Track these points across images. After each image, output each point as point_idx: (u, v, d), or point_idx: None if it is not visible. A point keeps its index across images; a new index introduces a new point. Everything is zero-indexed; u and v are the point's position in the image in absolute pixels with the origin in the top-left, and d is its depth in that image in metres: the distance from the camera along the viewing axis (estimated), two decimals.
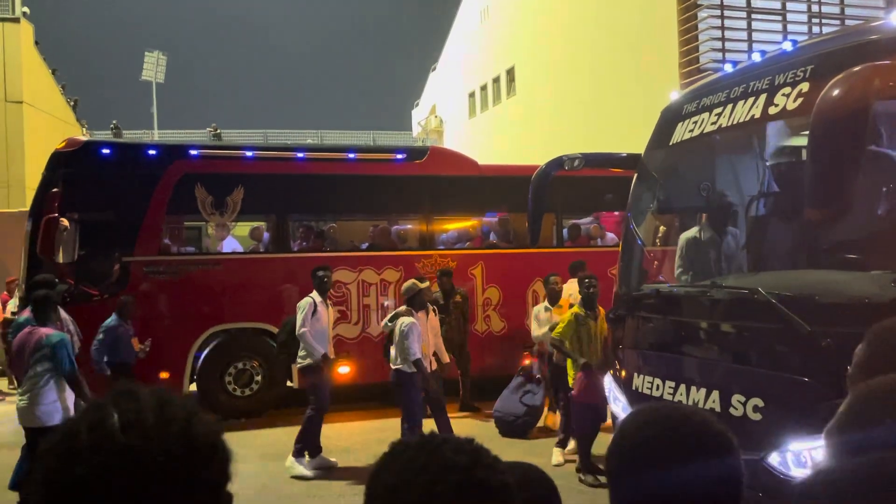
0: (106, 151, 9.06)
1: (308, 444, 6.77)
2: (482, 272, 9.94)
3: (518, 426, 7.70)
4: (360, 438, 7.88)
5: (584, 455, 6.19)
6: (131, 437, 0.87)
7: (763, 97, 3.90)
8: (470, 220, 10.77)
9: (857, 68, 3.06)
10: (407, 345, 6.46)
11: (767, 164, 5.21)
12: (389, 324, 6.89)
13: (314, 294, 7.03)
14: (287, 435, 8.16)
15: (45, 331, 5.00)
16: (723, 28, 14.13)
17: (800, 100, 3.63)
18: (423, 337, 6.80)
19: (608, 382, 5.12)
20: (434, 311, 7.37)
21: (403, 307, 6.89)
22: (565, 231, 10.54)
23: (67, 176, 8.65)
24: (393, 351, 6.68)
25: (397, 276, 9.60)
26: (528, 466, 1.27)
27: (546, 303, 7.59)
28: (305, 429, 6.76)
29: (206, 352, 9.00)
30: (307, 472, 6.58)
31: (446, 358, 7.83)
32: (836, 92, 2.95)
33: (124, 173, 8.96)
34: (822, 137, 2.93)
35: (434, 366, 7.17)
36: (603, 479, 6.10)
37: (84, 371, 5.39)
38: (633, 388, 4.62)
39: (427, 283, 7.18)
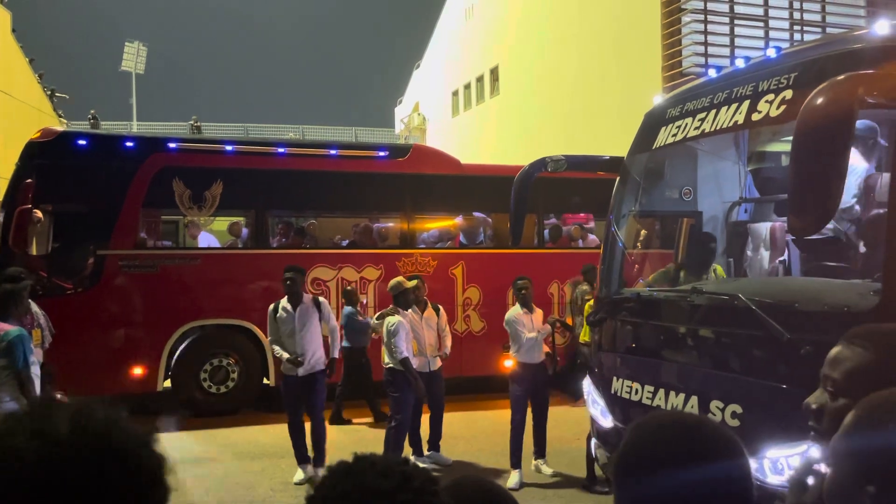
0: (81, 142, 8.90)
1: (295, 451, 6.49)
2: (463, 272, 9.91)
3: None
4: (338, 438, 7.80)
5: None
6: (33, 444, 0.83)
7: (746, 103, 3.90)
8: (452, 219, 10.74)
9: (841, 77, 3.06)
10: (394, 343, 6.42)
11: (749, 169, 5.24)
12: (375, 322, 6.85)
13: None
14: (262, 434, 8.09)
15: (3, 326, 4.89)
16: (706, 33, 14.22)
17: (783, 107, 3.63)
18: (421, 335, 6.81)
19: (587, 385, 5.10)
20: (438, 308, 7.29)
21: (390, 307, 6.81)
22: (546, 232, 10.54)
23: (41, 167, 8.49)
24: (384, 350, 6.65)
25: (377, 274, 9.55)
26: (486, 486, 1.23)
27: (520, 307, 6.69)
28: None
29: (181, 348, 8.88)
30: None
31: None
32: (820, 100, 2.94)
33: (100, 165, 8.81)
34: (806, 146, 2.92)
35: (440, 363, 7.02)
36: None
37: None
38: (612, 391, 4.61)
39: (416, 283, 7.06)
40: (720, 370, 3.85)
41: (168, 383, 8.94)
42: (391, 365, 6.49)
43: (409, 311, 6.80)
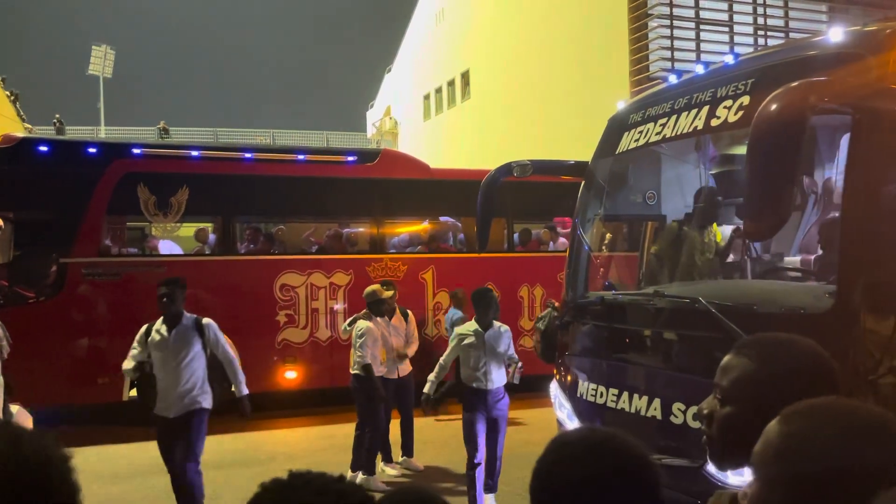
0: (43, 148, 8.76)
1: None
2: (433, 276, 9.90)
3: None
4: (306, 445, 7.75)
5: None
6: None
7: (706, 109, 3.95)
8: (421, 223, 10.73)
9: (794, 83, 3.11)
10: (358, 347, 6.41)
11: (710, 174, 5.30)
12: (348, 328, 6.83)
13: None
14: (228, 442, 8.00)
15: None
16: (672, 38, 14.42)
17: (740, 113, 3.68)
18: (390, 342, 6.83)
19: (553, 389, 5.12)
20: (407, 314, 7.35)
21: (363, 311, 6.79)
22: (516, 236, 10.57)
23: (2, 173, 8.34)
24: (352, 355, 6.64)
25: (347, 279, 9.50)
26: (422, 496, 1.22)
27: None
28: None
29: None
30: None
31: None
32: (773, 106, 2.98)
33: (63, 171, 8.67)
34: (759, 151, 2.96)
35: (410, 369, 7.07)
36: None
37: None
38: (578, 395, 4.63)
39: (392, 292, 7.05)
40: (682, 373, 3.88)
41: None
42: (357, 371, 6.47)
43: (379, 317, 6.80)
